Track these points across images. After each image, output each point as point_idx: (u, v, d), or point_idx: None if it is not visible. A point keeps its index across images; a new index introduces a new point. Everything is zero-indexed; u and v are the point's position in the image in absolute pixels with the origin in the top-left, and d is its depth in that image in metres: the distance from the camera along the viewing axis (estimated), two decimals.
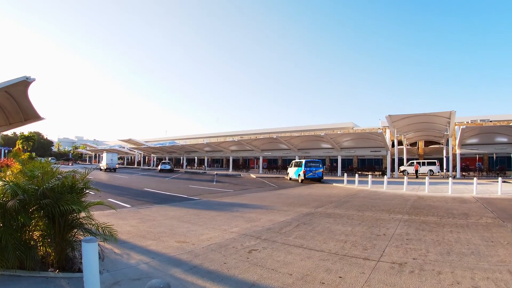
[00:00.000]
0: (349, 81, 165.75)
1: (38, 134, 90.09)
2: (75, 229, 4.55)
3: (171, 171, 42.43)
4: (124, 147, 70.53)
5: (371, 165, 38.28)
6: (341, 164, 35.46)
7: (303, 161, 24.86)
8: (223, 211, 10.04)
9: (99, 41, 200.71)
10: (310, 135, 36.45)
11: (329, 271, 4.39)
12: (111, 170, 41.37)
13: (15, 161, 9.27)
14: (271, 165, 45.92)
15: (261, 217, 8.85)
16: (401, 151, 34.89)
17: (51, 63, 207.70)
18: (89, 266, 3.24)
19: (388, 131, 32.32)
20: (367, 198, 13.72)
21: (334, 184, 22.02)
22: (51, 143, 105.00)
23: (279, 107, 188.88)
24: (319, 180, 24.42)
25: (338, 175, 32.37)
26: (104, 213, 8.78)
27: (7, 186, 4.11)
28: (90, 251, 3.25)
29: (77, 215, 4.50)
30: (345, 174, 23.48)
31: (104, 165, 42.04)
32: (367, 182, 18.87)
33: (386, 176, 19.20)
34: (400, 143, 34.60)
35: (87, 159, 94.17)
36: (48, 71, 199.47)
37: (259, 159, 43.17)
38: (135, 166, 68.32)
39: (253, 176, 32.94)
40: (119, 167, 44.49)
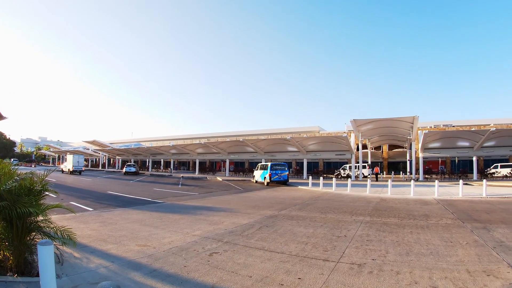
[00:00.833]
0: (317, 84, 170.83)
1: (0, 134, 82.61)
2: (34, 233, 4.49)
3: (136, 173, 41.55)
4: (88, 149, 67.71)
5: (337, 168, 39.25)
6: (307, 167, 36.07)
7: (269, 164, 24.88)
8: (186, 214, 9.80)
9: (63, 39, 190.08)
10: (276, 138, 36.67)
11: (289, 272, 4.36)
12: (77, 172, 39.50)
13: None
14: (238, 168, 45.57)
15: (224, 220, 8.66)
16: (365, 155, 36.09)
17: (13, 60, 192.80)
18: (45, 269, 3.15)
19: (353, 135, 33.17)
20: (331, 200, 13.89)
21: (299, 186, 22.24)
22: (13, 143, 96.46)
23: (247, 110, 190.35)
24: (284, 183, 24.57)
25: (304, 178, 32.87)
26: (65, 217, 8.55)
27: None
28: (46, 254, 3.17)
29: (35, 218, 4.42)
30: (310, 177, 23.76)
31: (70, 167, 39.81)
32: (331, 185, 19.18)
33: (350, 179, 19.64)
34: (364, 147, 35.80)
35: (51, 160, 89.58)
36: (10, 68, 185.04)
37: (226, 162, 42.86)
38: (100, 168, 65.65)
39: (219, 179, 32.48)
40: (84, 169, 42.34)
